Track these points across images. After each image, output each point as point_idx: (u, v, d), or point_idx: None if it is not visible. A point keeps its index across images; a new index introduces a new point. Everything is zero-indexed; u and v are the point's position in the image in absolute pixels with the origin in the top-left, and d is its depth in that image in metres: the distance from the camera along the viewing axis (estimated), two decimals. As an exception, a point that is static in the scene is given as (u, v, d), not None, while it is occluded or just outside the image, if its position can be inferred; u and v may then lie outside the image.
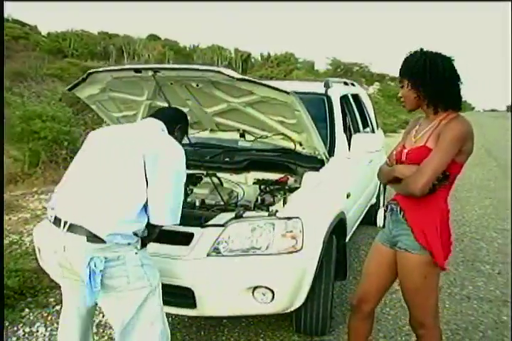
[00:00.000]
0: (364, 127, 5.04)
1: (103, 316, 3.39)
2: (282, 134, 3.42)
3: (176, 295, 2.68)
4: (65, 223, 2.13)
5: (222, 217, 2.84)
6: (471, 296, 4.01)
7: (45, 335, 3.31)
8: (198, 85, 3.04)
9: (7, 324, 3.41)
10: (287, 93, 2.84)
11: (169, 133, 2.40)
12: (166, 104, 3.45)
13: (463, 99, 2.31)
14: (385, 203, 2.65)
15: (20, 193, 7.31)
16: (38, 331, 3.36)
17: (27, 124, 8.27)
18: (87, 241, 2.07)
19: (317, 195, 3.08)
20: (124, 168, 2.15)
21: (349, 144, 3.85)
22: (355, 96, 5.16)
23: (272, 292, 2.66)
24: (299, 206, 2.91)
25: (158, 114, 2.52)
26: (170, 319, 3.46)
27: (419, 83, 2.21)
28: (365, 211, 4.92)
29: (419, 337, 2.45)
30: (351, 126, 4.69)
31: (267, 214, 2.82)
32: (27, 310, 3.62)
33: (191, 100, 3.29)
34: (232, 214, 2.83)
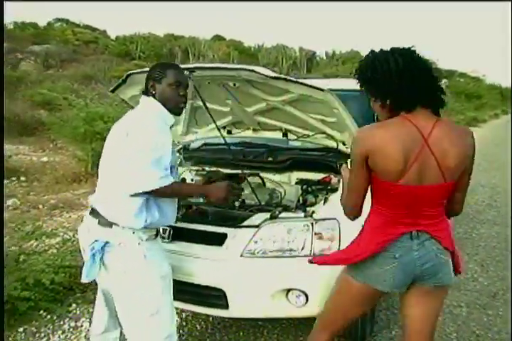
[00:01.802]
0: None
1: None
2: (324, 133, 3.33)
3: (208, 295, 2.69)
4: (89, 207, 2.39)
5: (258, 218, 2.80)
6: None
7: (88, 330, 3.38)
8: (235, 85, 3.02)
9: (54, 318, 3.52)
10: (322, 90, 2.76)
11: (153, 96, 2.34)
12: (209, 105, 3.47)
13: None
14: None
15: (82, 192, 7.56)
16: (82, 326, 3.45)
17: (90, 125, 8.56)
18: (98, 223, 2.27)
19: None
20: (116, 152, 2.25)
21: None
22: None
23: (306, 295, 2.61)
24: (336, 207, 2.82)
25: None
26: (211, 318, 3.47)
27: (368, 88, 1.96)
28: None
29: None
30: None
31: (303, 214, 2.75)
32: (74, 305, 3.73)
33: (231, 99, 3.27)
34: (268, 215, 2.79)
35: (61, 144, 10.87)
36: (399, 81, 1.86)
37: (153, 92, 2.34)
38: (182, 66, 2.96)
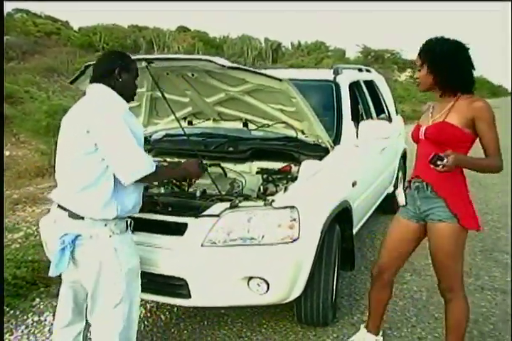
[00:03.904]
0: (379, 114, 4.93)
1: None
2: (284, 122, 3.37)
3: (171, 285, 2.70)
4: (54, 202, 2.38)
5: (218, 207, 2.81)
6: (485, 287, 3.89)
7: (52, 324, 3.35)
8: (193, 75, 3.02)
9: (18, 313, 3.49)
10: (280, 80, 2.79)
11: (114, 84, 2.34)
12: (168, 96, 3.46)
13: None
14: (404, 182, 2.69)
15: (47, 186, 7.45)
16: (46, 320, 3.43)
17: (52, 118, 8.42)
18: (69, 216, 2.25)
19: (316, 184, 3.02)
20: (74, 144, 2.23)
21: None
22: (370, 83, 5.05)
23: (267, 282, 2.64)
24: (295, 195, 2.86)
25: (94, 73, 2.42)
26: (175, 309, 3.49)
27: (439, 68, 2.40)
28: (381, 200, 4.84)
29: (448, 301, 2.65)
30: (364, 114, 4.60)
31: (262, 203, 2.78)
32: (38, 299, 3.69)
33: (190, 90, 3.27)
34: (228, 204, 2.81)
35: (24, 138, 10.67)
36: None
37: (119, 80, 2.35)
38: (139, 57, 2.96)
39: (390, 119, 5.24)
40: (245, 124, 3.56)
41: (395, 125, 5.40)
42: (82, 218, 2.23)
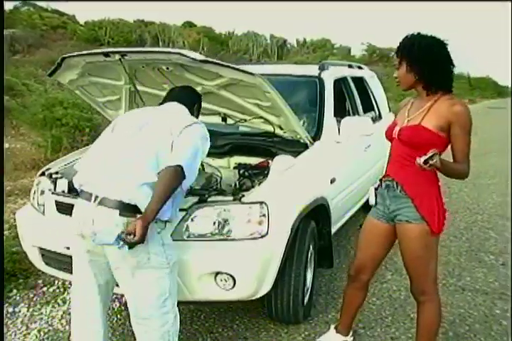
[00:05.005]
0: (367, 111, 4.89)
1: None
2: (261, 117, 3.34)
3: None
4: (96, 197, 2.23)
5: (187, 201, 2.79)
6: (466, 288, 3.84)
7: (26, 315, 3.38)
8: (168, 68, 2.99)
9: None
10: (252, 74, 2.76)
11: (190, 113, 2.61)
12: (145, 89, 3.44)
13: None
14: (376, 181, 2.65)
15: (40, 179, 7.44)
16: (20, 311, 3.44)
17: (50, 111, 8.44)
18: (120, 215, 2.18)
19: (288, 179, 2.99)
20: (151, 142, 2.30)
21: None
22: (359, 80, 5.00)
23: (233, 278, 2.61)
24: (266, 190, 2.83)
25: (178, 96, 2.65)
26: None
27: (418, 65, 2.34)
28: (366, 198, 4.79)
29: (421, 304, 2.63)
30: (350, 110, 4.56)
31: (232, 198, 2.75)
32: (15, 290, 3.70)
33: (167, 84, 3.24)
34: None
35: (23, 130, 10.69)
36: None
37: (194, 114, 2.70)
38: (113, 50, 2.94)
39: (379, 116, 5.21)
40: (224, 119, 3.53)
41: (386, 122, 5.34)
42: (134, 215, 2.16)
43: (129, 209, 2.19)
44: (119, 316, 3.33)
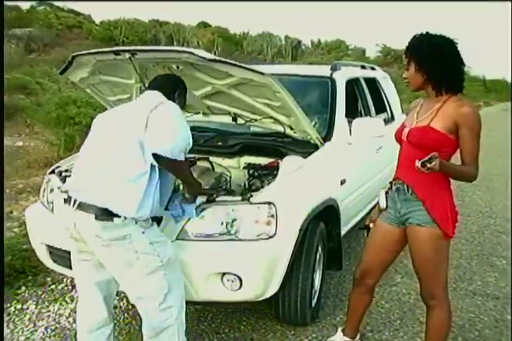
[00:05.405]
0: (380, 112, 4.84)
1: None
2: (272, 117, 3.31)
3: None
4: (75, 201, 2.25)
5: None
6: (476, 292, 3.78)
7: (33, 312, 3.39)
8: (178, 67, 2.98)
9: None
10: (262, 74, 2.74)
11: (172, 100, 2.48)
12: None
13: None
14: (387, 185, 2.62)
15: (53, 177, 7.48)
16: (28, 308, 3.45)
17: (63, 110, 8.50)
18: (96, 219, 2.18)
19: (297, 180, 2.96)
20: (123, 142, 2.25)
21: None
22: (371, 81, 4.96)
23: (240, 279, 2.59)
24: (275, 191, 2.81)
25: (154, 84, 2.57)
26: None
27: (427, 66, 2.30)
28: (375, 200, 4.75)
29: (430, 308, 2.57)
30: (362, 111, 4.53)
31: (240, 198, 2.73)
32: (23, 287, 3.71)
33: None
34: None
35: (38, 129, 10.78)
36: None
37: (176, 101, 2.53)
38: (123, 48, 2.94)
39: (392, 118, 5.16)
40: (234, 119, 3.51)
41: (398, 124, 5.29)
42: (112, 219, 2.18)
43: (104, 213, 2.19)
44: (126, 315, 3.33)
